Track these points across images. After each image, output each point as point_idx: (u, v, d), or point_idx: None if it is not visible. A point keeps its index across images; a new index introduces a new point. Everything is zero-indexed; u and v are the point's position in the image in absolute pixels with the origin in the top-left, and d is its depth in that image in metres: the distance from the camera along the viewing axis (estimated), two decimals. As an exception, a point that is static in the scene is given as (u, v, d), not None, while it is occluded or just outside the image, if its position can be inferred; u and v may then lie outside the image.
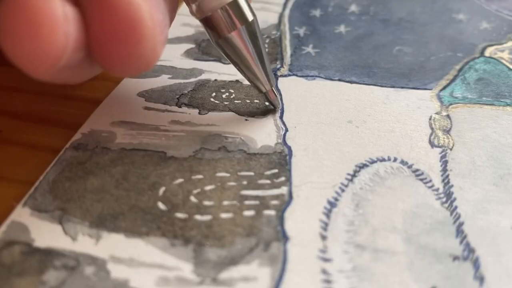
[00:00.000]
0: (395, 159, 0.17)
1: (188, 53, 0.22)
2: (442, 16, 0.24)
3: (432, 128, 0.18)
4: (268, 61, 0.18)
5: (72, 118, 0.18)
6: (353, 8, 0.25)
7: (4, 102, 0.19)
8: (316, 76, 0.20)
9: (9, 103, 0.19)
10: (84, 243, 0.14)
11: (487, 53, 0.21)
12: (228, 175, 0.16)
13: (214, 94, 0.19)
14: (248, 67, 0.17)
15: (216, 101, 0.19)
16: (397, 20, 0.24)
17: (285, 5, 0.25)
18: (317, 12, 0.25)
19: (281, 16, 0.24)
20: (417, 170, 0.16)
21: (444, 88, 0.20)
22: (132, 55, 0.14)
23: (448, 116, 0.18)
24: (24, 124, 0.18)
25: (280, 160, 0.17)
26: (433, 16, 0.24)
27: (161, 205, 0.15)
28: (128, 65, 0.15)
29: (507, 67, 0.21)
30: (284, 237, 0.14)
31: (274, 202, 0.15)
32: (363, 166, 0.16)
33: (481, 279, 0.13)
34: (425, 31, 0.23)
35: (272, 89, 0.18)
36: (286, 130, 0.18)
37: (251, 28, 0.17)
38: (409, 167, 0.16)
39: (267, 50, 0.22)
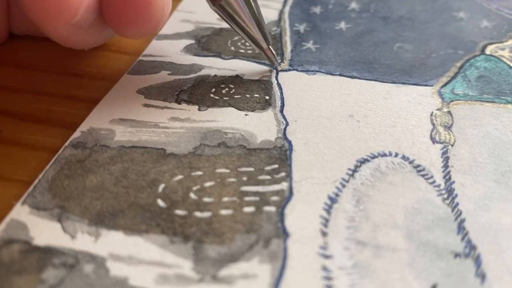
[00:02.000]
0: (396, 154, 0.16)
1: (188, 49, 0.22)
2: (443, 14, 0.24)
3: (433, 124, 0.18)
4: (264, 22, 0.19)
5: (72, 118, 0.18)
6: (354, 5, 0.25)
7: (4, 102, 0.19)
8: (317, 71, 0.20)
9: (9, 103, 0.19)
10: (83, 241, 0.14)
11: (488, 51, 0.21)
12: (228, 171, 0.16)
13: (213, 89, 0.19)
14: (245, 27, 0.19)
15: (216, 97, 0.19)
16: (397, 17, 0.24)
17: (285, 2, 0.25)
18: (317, 9, 0.24)
19: (281, 13, 0.24)
20: (418, 165, 0.16)
21: (445, 85, 0.20)
22: (143, 16, 0.16)
23: (449, 112, 0.18)
24: (24, 124, 0.18)
25: (280, 155, 0.16)
26: (433, 14, 0.24)
27: (160, 202, 0.15)
28: (138, 26, 0.16)
29: (508, 65, 0.21)
30: (284, 234, 0.14)
31: (274, 198, 0.15)
32: (364, 161, 0.16)
33: (482, 276, 0.13)
34: (425, 29, 0.23)
35: (269, 47, 0.19)
36: (287, 124, 0.18)
37: None
38: (411, 162, 0.16)
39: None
